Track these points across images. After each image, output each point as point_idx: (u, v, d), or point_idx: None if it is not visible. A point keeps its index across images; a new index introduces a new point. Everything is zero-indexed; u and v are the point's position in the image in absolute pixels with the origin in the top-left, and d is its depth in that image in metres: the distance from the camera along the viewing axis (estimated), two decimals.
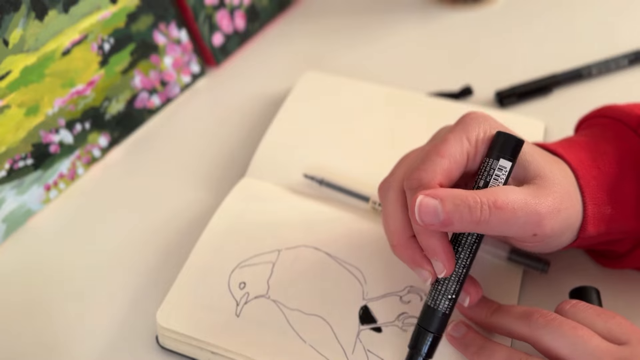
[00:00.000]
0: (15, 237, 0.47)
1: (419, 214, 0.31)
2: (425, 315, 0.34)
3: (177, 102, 0.56)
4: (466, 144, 0.33)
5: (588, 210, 0.34)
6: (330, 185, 0.44)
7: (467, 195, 0.31)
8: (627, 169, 0.35)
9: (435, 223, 0.31)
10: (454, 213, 0.30)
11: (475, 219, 0.31)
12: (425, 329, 0.33)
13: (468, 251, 0.33)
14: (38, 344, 0.40)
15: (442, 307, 0.33)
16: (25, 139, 0.46)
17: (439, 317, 0.33)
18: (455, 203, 0.31)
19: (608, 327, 0.31)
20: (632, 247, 0.36)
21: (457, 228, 0.31)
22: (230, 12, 0.58)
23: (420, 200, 0.31)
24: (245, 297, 0.38)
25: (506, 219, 0.31)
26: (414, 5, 0.63)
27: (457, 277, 0.33)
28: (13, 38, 0.43)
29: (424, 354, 0.34)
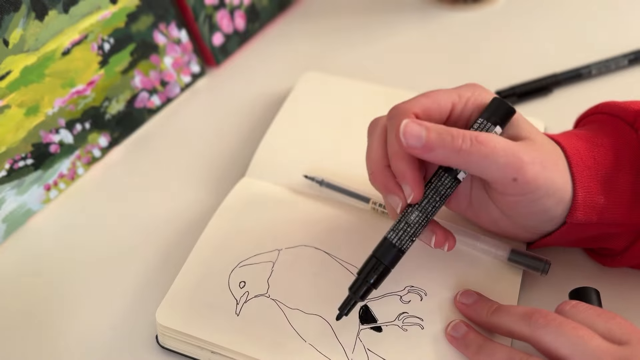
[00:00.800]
0: (15, 237, 0.47)
1: (403, 135, 0.32)
2: (382, 247, 0.35)
3: (177, 102, 0.56)
4: (455, 97, 0.35)
5: (578, 196, 0.34)
6: (331, 185, 0.44)
7: (451, 128, 0.33)
8: (623, 161, 0.35)
9: (417, 146, 0.32)
10: (437, 139, 0.32)
11: (457, 146, 0.32)
12: (378, 259, 0.35)
13: (436, 195, 0.34)
14: (38, 344, 0.40)
15: (398, 243, 0.34)
16: (25, 138, 0.46)
17: (394, 251, 0.34)
18: (439, 132, 0.32)
19: (608, 328, 0.31)
20: (628, 243, 0.36)
21: (439, 156, 0.32)
22: (230, 12, 0.58)
23: (406, 123, 0.33)
24: (245, 296, 0.39)
25: (486, 153, 0.32)
26: (414, 5, 0.63)
27: (419, 217, 0.34)
28: (13, 38, 0.43)
29: (371, 282, 0.35)
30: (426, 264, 0.40)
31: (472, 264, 0.39)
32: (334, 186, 0.44)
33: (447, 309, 0.37)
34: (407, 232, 0.35)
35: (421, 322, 0.37)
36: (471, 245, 0.40)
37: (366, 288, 0.35)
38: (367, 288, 0.35)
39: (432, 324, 0.37)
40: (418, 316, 0.37)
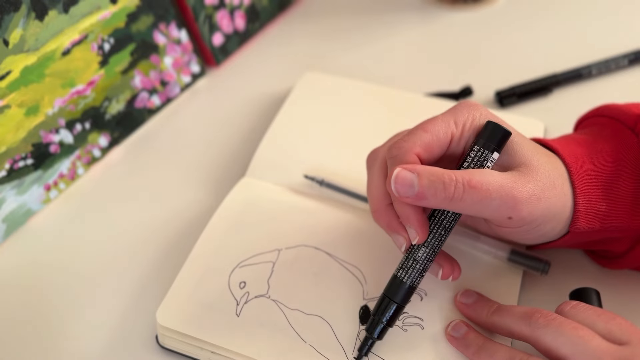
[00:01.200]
0: (15, 237, 0.47)
1: (395, 185, 0.32)
2: (392, 285, 0.35)
3: (177, 102, 0.56)
4: (452, 126, 0.34)
5: (579, 205, 0.34)
6: (331, 185, 0.44)
7: (443, 173, 0.32)
8: (623, 166, 0.35)
9: (410, 196, 0.32)
10: (429, 188, 0.32)
11: (449, 195, 0.31)
12: (390, 299, 0.35)
13: (441, 229, 0.34)
14: (38, 344, 0.40)
15: (408, 280, 0.34)
16: (25, 138, 0.46)
17: (405, 289, 0.34)
18: (431, 179, 0.32)
19: (608, 328, 0.31)
20: (629, 247, 0.36)
21: (432, 203, 0.32)
22: (230, 12, 0.58)
23: (398, 172, 0.32)
24: (245, 296, 0.39)
25: (479, 198, 0.32)
26: (414, 5, 0.63)
27: (427, 253, 0.34)
28: (13, 38, 0.43)
29: (385, 321, 0.35)
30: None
31: (472, 264, 0.39)
32: (334, 186, 0.44)
33: (447, 309, 0.37)
34: (416, 269, 0.34)
35: (421, 322, 0.37)
36: (471, 245, 0.40)
37: (382, 327, 0.35)
38: (382, 327, 0.35)
39: (432, 324, 0.37)
40: (418, 316, 0.37)
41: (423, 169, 0.32)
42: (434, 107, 0.49)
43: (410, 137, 0.34)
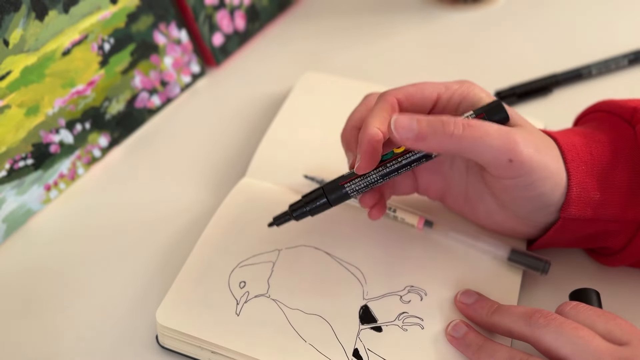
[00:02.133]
0: (15, 237, 0.47)
1: (395, 128, 0.32)
2: (332, 185, 0.37)
3: (177, 102, 0.56)
4: (441, 88, 0.36)
5: (572, 192, 0.34)
6: None
7: (441, 116, 0.33)
8: (620, 158, 0.36)
9: (410, 137, 0.32)
10: (428, 127, 0.32)
11: (449, 132, 0.32)
12: (325, 194, 0.37)
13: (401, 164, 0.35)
14: (38, 344, 0.40)
15: (347, 188, 0.36)
16: (25, 139, 0.46)
17: (342, 196, 0.36)
18: (429, 120, 0.32)
19: (608, 328, 0.31)
20: (626, 242, 0.36)
21: (432, 143, 0.32)
22: (231, 12, 0.58)
23: (396, 117, 0.33)
24: (245, 296, 0.39)
25: (480, 135, 0.32)
26: (414, 5, 0.63)
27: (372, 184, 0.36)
28: (13, 38, 0.43)
29: (309, 208, 0.37)
30: (426, 264, 0.40)
31: (472, 264, 0.39)
32: None
33: (447, 308, 0.37)
34: (356, 183, 0.36)
35: (421, 322, 0.37)
36: (471, 245, 0.40)
37: (303, 212, 0.37)
38: (304, 212, 0.37)
39: (432, 324, 0.37)
40: (418, 316, 0.37)
41: (421, 116, 0.33)
42: None
43: (399, 87, 0.36)
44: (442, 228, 0.41)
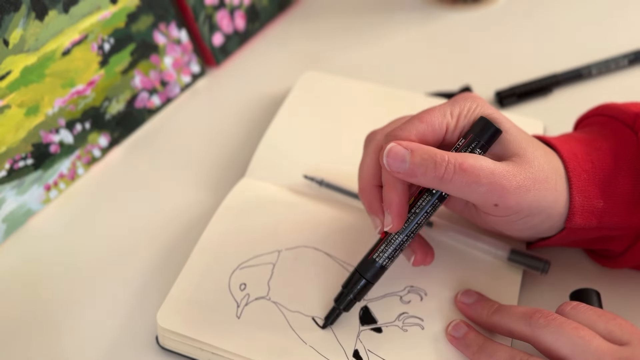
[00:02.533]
0: (15, 237, 0.47)
1: (387, 159, 0.33)
2: (364, 263, 0.36)
3: (177, 102, 0.56)
4: (448, 117, 0.35)
5: (575, 202, 0.34)
6: (330, 186, 0.44)
7: (436, 152, 0.32)
8: (622, 164, 0.35)
9: (401, 171, 0.33)
10: (420, 165, 0.32)
11: (439, 175, 0.32)
12: (361, 275, 0.36)
13: (419, 217, 0.35)
14: (38, 344, 0.40)
15: (380, 260, 0.35)
16: (25, 139, 0.46)
17: (375, 268, 0.36)
18: (423, 157, 0.32)
19: (609, 328, 0.31)
20: (628, 245, 0.36)
21: (421, 181, 0.33)
22: (230, 12, 0.58)
23: (391, 146, 0.33)
24: (245, 298, 0.39)
25: (468, 182, 0.32)
26: (414, 5, 0.63)
27: (401, 239, 0.35)
28: (13, 38, 0.43)
29: (353, 295, 0.36)
30: None
31: (472, 264, 0.40)
32: (333, 186, 0.44)
33: (448, 309, 0.37)
34: (388, 252, 0.35)
35: (421, 322, 0.37)
36: (471, 245, 0.40)
37: (349, 300, 0.36)
38: (350, 300, 0.36)
39: (433, 324, 0.37)
40: (418, 316, 0.37)
41: (417, 146, 0.33)
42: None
43: (406, 125, 0.34)
44: (442, 228, 0.41)
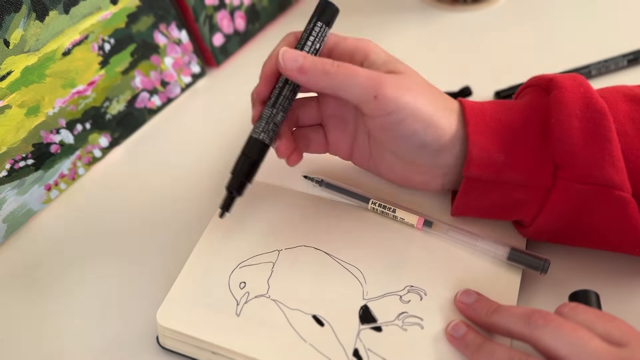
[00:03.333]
0: (15, 237, 0.47)
1: (282, 58, 0.37)
2: (248, 144, 0.39)
3: (178, 103, 0.57)
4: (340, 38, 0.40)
5: (472, 152, 0.36)
6: (330, 185, 0.44)
7: (323, 58, 0.37)
8: (531, 124, 0.37)
9: (293, 69, 0.37)
10: (310, 64, 0.36)
11: (326, 69, 0.36)
12: (247, 155, 0.39)
13: (285, 89, 0.39)
14: (38, 344, 0.40)
15: (261, 137, 0.38)
16: (26, 139, 0.46)
17: (258, 145, 0.38)
18: (313, 60, 0.37)
19: (607, 330, 0.31)
20: (536, 213, 0.38)
21: (310, 77, 0.37)
22: (231, 12, 0.58)
23: (285, 49, 0.37)
24: (245, 296, 0.39)
25: (350, 74, 0.36)
26: (414, 5, 0.63)
27: (270, 113, 0.39)
28: (14, 38, 0.43)
29: (244, 176, 0.39)
30: (426, 264, 0.40)
31: (472, 264, 0.40)
32: (333, 186, 0.44)
33: (447, 308, 0.37)
34: (262, 126, 0.38)
35: (421, 322, 0.37)
36: (471, 245, 0.40)
37: (241, 182, 0.39)
38: (242, 182, 0.39)
39: (432, 324, 0.37)
40: (418, 316, 0.37)
41: (306, 54, 0.37)
42: None
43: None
44: (442, 228, 0.41)
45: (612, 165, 0.35)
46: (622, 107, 0.37)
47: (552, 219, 0.37)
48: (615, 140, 0.35)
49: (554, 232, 0.38)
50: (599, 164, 0.35)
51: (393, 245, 0.41)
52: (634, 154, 0.35)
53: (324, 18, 0.38)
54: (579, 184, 0.35)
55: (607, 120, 0.35)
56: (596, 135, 0.35)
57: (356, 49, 0.39)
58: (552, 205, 0.36)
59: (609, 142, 0.35)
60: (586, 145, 0.35)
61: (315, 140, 0.43)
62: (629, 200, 0.35)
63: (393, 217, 0.42)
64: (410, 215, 0.41)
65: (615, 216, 0.36)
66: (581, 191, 0.35)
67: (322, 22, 0.38)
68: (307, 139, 0.42)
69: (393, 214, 0.42)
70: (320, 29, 0.38)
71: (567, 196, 0.36)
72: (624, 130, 0.36)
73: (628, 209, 0.35)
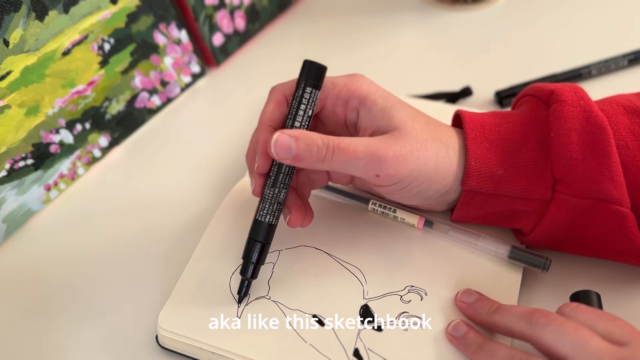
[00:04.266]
0: (15, 237, 0.47)
1: (274, 148, 0.35)
2: (254, 228, 0.38)
3: (178, 102, 0.56)
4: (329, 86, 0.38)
5: (470, 166, 0.37)
6: (329, 188, 0.44)
7: (317, 137, 0.35)
8: (531, 137, 0.37)
9: (288, 158, 0.35)
10: (305, 151, 0.35)
11: (321, 157, 0.35)
12: (255, 240, 0.38)
13: (282, 175, 0.37)
14: (38, 344, 0.40)
15: (266, 219, 0.37)
16: (25, 139, 0.46)
17: (265, 228, 0.37)
18: (307, 143, 0.35)
19: (609, 329, 0.31)
20: (535, 224, 0.38)
21: (307, 164, 0.35)
22: (231, 12, 0.58)
23: (277, 136, 0.35)
24: (246, 297, 0.39)
25: (347, 158, 0.35)
26: (414, 5, 0.63)
27: (272, 193, 0.37)
28: (13, 38, 0.43)
29: (255, 260, 0.38)
30: (426, 263, 0.40)
31: (473, 263, 0.40)
32: (332, 188, 0.44)
33: (448, 308, 0.37)
34: (266, 208, 0.37)
35: (421, 321, 0.37)
36: (472, 244, 0.40)
37: (254, 267, 0.38)
38: (254, 267, 0.38)
39: (433, 324, 0.37)
40: (418, 316, 0.37)
41: (300, 133, 0.35)
42: (431, 109, 0.50)
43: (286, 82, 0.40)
44: (443, 227, 0.41)
45: (610, 180, 0.35)
46: (623, 120, 0.37)
47: (550, 230, 0.37)
48: (615, 154, 0.35)
49: (552, 242, 0.39)
50: (597, 178, 0.35)
51: (393, 245, 0.41)
52: (634, 167, 0.35)
53: (311, 81, 0.36)
54: (578, 198, 0.35)
55: (606, 135, 0.35)
56: (595, 150, 0.35)
57: (350, 95, 0.38)
58: (550, 218, 0.37)
59: (608, 156, 0.35)
60: (585, 159, 0.35)
61: (318, 179, 0.41)
62: (627, 214, 0.35)
63: (393, 217, 0.42)
64: (410, 215, 0.41)
65: (613, 230, 0.36)
66: (579, 205, 0.36)
67: (311, 87, 0.36)
68: (310, 180, 0.41)
69: (393, 214, 0.42)
70: (310, 94, 0.36)
71: (565, 209, 0.36)
72: (624, 143, 0.36)
73: (626, 223, 0.35)
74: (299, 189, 0.40)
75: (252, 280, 0.38)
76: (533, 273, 0.40)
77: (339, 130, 0.40)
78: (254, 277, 0.38)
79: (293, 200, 0.38)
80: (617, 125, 0.36)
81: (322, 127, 0.41)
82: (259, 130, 0.38)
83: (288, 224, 0.38)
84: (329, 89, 0.38)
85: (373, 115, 0.37)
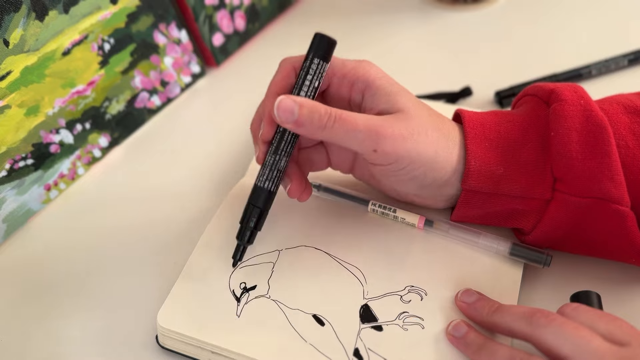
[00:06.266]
0: (15, 237, 0.47)
1: (277, 111, 0.35)
2: (254, 193, 0.38)
3: (178, 102, 0.56)
4: (339, 63, 0.38)
5: (470, 165, 0.37)
6: (328, 189, 0.44)
7: (320, 106, 0.35)
8: (531, 137, 0.37)
9: (290, 121, 0.35)
10: (307, 117, 0.35)
11: (322, 124, 0.35)
12: (254, 205, 0.38)
13: (286, 132, 0.38)
14: (38, 344, 0.40)
15: (265, 185, 0.38)
16: (25, 139, 0.46)
17: (264, 194, 0.38)
18: (310, 109, 0.35)
19: (609, 329, 0.31)
20: (535, 223, 0.38)
21: (307, 130, 0.35)
22: (231, 12, 0.58)
23: (281, 98, 0.35)
24: (245, 297, 0.39)
25: (348, 129, 0.35)
26: (414, 5, 0.63)
27: (273, 160, 0.38)
28: (13, 38, 0.43)
29: (252, 226, 0.38)
30: (427, 263, 0.40)
31: (473, 262, 0.40)
32: (331, 190, 0.44)
33: (448, 308, 0.37)
34: (266, 175, 0.38)
35: (422, 321, 0.37)
36: (473, 242, 0.40)
37: (250, 232, 0.39)
38: (251, 232, 0.39)
39: (433, 324, 0.37)
40: (418, 316, 0.37)
41: (303, 100, 0.35)
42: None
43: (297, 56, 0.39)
44: (443, 226, 0.41)
45: (610, 179, 0.35)
46: (623, 120, 0.37)
47: (551, 230, 0.37)
48: (615, 154, 0.35)
49: (552, 241, 0.39)
50: (597, 177, 0.35)
51: (394, 244, 0.41)
52: (635, 166, 0.35)
53: (320, 53, 0.37)
54: (578, 197, 0.35)
55: (606, 134, 0.35)
56: (595, 149, 0.35)
57: (356, 78, 0.38)
58: (550, 217, 0.37)
59: (608, 156, 0.35)
60: (585, 159, 0.35)
61: (318, 161, 0.42)
62: (627, 213, 0.35)
63: (394, 217, 0.42)
64: (411, 215, 0.41)
65: (613, 229, 0.36)
66: (579, 204, 0.36)
67: (319, 59, 0.37)
68: (310, 161, 0.42)
69: (394, 214, 0.42)
70: (318, 66, 0.37)
71: (565, 209, 0.36)
72: (624, 143, 0.36)
73: (626, 222, 0.35)
74: (300, 169, 0.40)
75: (247, 245, 0.39)
76: (533, 272, 0.40)
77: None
78: (250, 243, 0.39)
79: (294, 170, 0.39)
80: (617, 124, 0.36)
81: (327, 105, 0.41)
82: (266, 98, 0.39)
83: (288, 193, 0.39)
84: (338, 67, 0.38)
85: (378, 99, 0.37)
